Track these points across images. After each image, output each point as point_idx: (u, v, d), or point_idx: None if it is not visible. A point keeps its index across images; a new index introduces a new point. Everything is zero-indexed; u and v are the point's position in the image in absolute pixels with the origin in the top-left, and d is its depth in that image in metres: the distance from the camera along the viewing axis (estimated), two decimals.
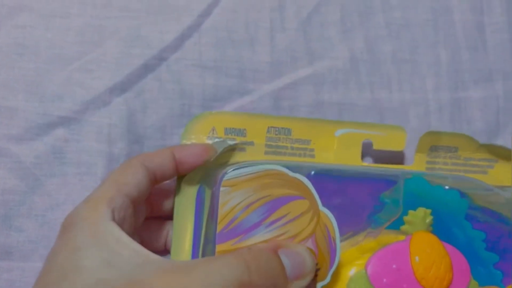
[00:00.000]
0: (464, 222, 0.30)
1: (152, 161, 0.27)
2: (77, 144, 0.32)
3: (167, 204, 0.30)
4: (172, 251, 0.28)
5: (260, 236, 0.25)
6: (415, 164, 0.32)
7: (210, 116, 0.30)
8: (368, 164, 0.32)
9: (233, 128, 0.30)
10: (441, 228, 0.29)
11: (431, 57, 0.36)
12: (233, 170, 0.25)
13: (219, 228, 0.25)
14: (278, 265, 0.23)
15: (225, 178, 0.25)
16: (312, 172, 0.28)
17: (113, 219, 0.24)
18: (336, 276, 0.26)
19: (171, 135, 0.33)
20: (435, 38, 0.36)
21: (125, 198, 0.25)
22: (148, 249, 0.23)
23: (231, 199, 0.25)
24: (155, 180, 0.27)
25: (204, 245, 0.27)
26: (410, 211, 0.28)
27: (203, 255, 0.27)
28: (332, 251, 0.25)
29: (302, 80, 0.34)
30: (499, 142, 0.35)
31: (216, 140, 0.29)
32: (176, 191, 0.29)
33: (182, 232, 0.28)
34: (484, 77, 0.36)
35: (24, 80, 0.32)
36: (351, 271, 0.27)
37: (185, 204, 0.28)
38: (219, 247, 0.25)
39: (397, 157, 0.34)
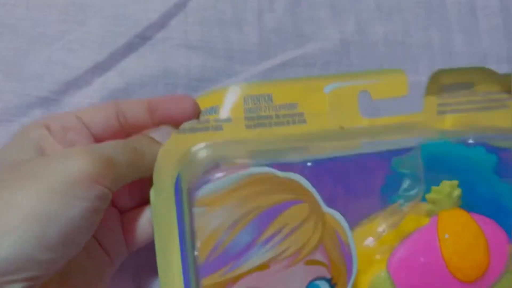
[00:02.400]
0: (492, 176, 0.25)
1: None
2: None
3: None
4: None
5: (256, 259, 0.21)
6: (424, 109, 0.28)
7: None
8: (370, 120, 0.27)
9: (204, 108, 0.25)
10: (466, 185, 0.24)
11: (424, 39, 0.35)
12: (207, 185, 0.21)
13: (201, 258, 0.21)
14: None
15: (197, 197, 0.21)
16: (309, 164, 0.23)
17: None
18: (355, 278, 0.22)
19: None
20: (427, 21, 0.35)
21: None
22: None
23: (210, 221, 0.21)
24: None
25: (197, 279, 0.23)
26: (433, 188, 0.24)
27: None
28: (347, 259, 0.22)
29: (291, 61, 0.33)
30: None
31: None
32: (151, 199, 0.24)
33: (167, 264, 0.23)
34: (478, 61, 0.35)
35: (3, 59, 0.31)
36: (371, 273, 0.23)
37: (163, 200, 0.23)
38: (206, 281, 0.20)
39: (402, 105, 0.28)
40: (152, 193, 0.23)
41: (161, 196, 0.23)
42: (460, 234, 0.23)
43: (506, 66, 0.36)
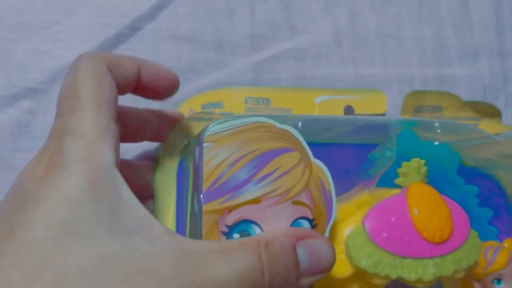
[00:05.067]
0: (457, 178, 0.29)
1: (118, 71, 0.22)
2: (44, 117, 0.30)
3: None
4: None
5: (250, 193, 0.23)
6: None
7: (186, 103, 0.30)
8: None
9: (209, 102, 0.29)
10: (433, 185, 0.27)
11: (416, 33, 0.35)
12: (216, 124, 0.23)
13: (205, 186, 0.23)
14: (292, 262, 0.22)
15: (207, 133, 0.23)
16: (300, 124, 0.26)
17: (116, 165, 0.19)
18: (333, 232, 0.25)
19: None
20: (420, 14, 0.35)
21: (115, 125, 0.20)
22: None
23: (216, 155, 0.23)
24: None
25: (191, 218, 0.25)
26: (404, 163, 0.27)
27: (190, 230, 0.26)
28: (328, 205, 0.24)
29: (283, 54, 0.33)
30: None
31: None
32: (154, 168, 0.27)
33: (164, 210, 0.27)
34: (469, 55, 0.35)
35: None
36: (348, 227, 0.26)
37: (165, 181, 0.27)
38: (206, 207, 0.23)
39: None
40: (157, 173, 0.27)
41: (164, 173, 0.27)
42: (426, 201, 0.26)
43: (497, 60, 0.36)
